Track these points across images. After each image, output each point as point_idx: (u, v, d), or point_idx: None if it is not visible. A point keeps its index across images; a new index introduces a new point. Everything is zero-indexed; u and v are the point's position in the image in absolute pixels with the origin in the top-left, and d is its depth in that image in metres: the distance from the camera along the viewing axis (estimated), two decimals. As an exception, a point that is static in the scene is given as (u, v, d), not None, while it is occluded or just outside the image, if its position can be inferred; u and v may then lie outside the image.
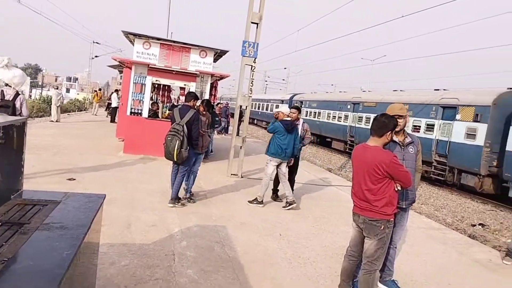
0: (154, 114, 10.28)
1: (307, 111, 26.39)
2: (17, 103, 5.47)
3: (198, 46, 9.88)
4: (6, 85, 5.46)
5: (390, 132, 3.13)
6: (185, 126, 5.46)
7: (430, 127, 14.69)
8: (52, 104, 17.25)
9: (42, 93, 46.81)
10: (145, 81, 9.59)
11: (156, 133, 8.37)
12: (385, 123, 3.11)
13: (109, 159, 8.60)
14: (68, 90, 76.34)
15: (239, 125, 12.52)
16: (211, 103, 7.97)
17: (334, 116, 22.79)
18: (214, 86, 11.31)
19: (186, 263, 3.78)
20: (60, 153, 8.88)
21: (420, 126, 15.09)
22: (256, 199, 6.32)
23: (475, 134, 12.59)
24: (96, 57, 35.97)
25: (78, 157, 8.59)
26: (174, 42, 9.97)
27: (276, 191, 6.90)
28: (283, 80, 61.71)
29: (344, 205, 6.59)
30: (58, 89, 19.10)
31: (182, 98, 11.98)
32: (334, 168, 15.53)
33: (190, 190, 6.06)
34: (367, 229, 3.17)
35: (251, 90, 8.69)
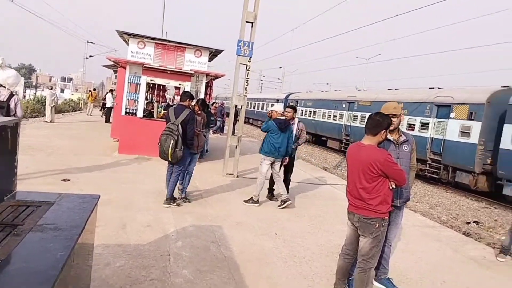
0: (149, 114, 10.26)
1: (303, 110, 26.43)
2: (11, 104, 5.42)
3: (193, 45, 9.86)
4: (0, 85, 5.42)
5: (384, 130, 3.15)
6: (180, 126, 5.45)
7: (424, 126, 14.77)
8: (46, 104, 17.17)
9: (36, 93, 46.48)
10: (139, 80, 9.55)
11: (151, 133, 8.33)
12: (379, 122, 3.13)
13: (104, 160, 8.57)
14: (62, 90, 75.88)
15: (235, 124, 12.50)
16: (206, 103, 7.96)
17: (329, 115, 22.85)
18: (209, 86, 11.29)
19: (182, 263, 3.78)
20: (54, 153, 8.83)
21: (414, 125, 15.18)
22: (251, 199, 6.33)
23: (469, 132, 12.68)
24: (90, 57, 35.86)
25: (73, 157, 8.55)
26: (169, 41, 9.94)
27: (271, 190, 6.90)
28: (279, 79, 61.75)
29: (339, 203, 6.61)
30: (52, 89, 19.02)
31: (177, 97, 11.96)
32: (330, 167, 15.56)
33: (185, 190, 6.06)
34: (362, 227, 3.18)
35: (246, 90, 8.68)
